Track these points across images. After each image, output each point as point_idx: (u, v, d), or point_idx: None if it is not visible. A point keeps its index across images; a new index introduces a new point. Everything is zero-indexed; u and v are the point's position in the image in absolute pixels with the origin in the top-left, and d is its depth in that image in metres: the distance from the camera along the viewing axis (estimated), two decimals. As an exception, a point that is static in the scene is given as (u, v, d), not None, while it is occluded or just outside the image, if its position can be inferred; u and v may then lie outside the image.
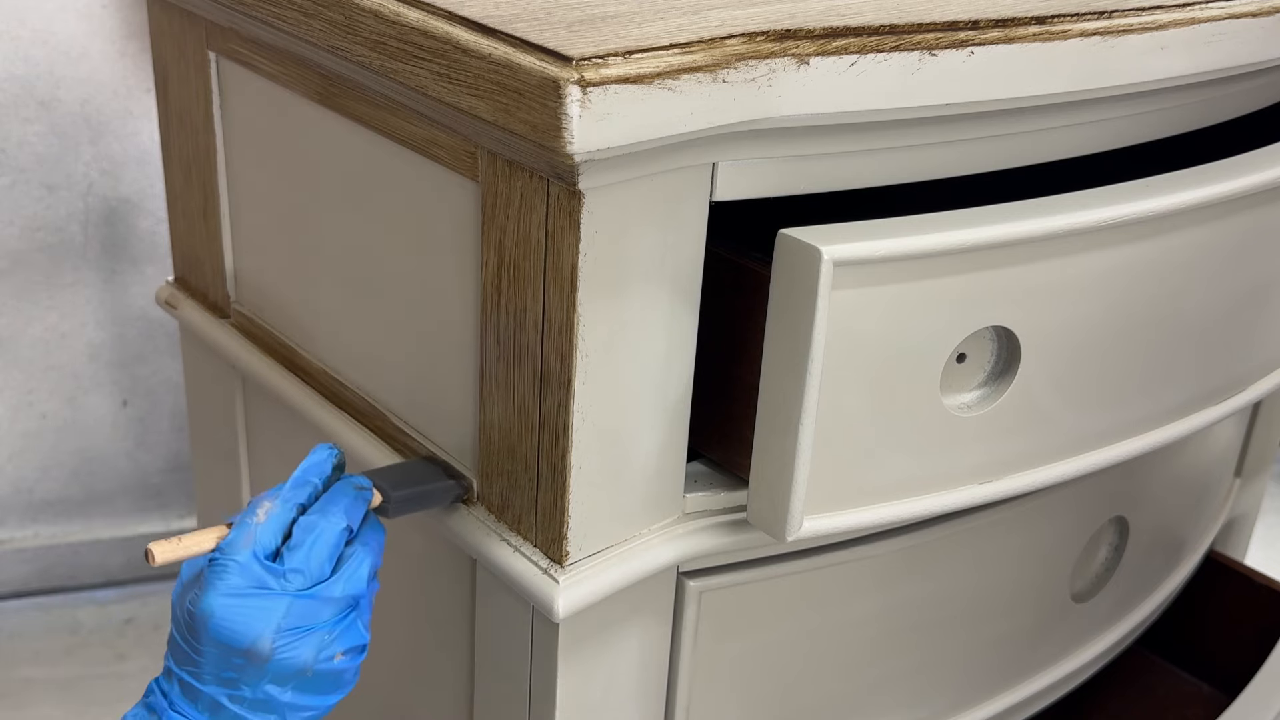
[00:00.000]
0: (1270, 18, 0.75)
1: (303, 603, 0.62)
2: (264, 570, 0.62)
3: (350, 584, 0.64)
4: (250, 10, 0.75)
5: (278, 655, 0.62)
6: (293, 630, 0.62)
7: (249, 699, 0.62)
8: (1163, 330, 0.77)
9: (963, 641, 0.90)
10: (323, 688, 0.64)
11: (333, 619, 0.63)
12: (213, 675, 0.62)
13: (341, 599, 0.64)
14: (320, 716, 0.65)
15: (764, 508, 0.68)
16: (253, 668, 0.62)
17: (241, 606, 0.61)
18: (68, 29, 1.53)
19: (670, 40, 0.58)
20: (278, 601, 0.62)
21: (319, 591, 0.63)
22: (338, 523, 0.65)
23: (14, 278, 1.63)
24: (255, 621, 0.61)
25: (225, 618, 0.61)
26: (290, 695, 0.63)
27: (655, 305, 0.66)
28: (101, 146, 1.60)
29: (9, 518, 1.76)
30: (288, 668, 0.62)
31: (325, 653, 0.63)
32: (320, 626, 0.63)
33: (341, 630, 0.64)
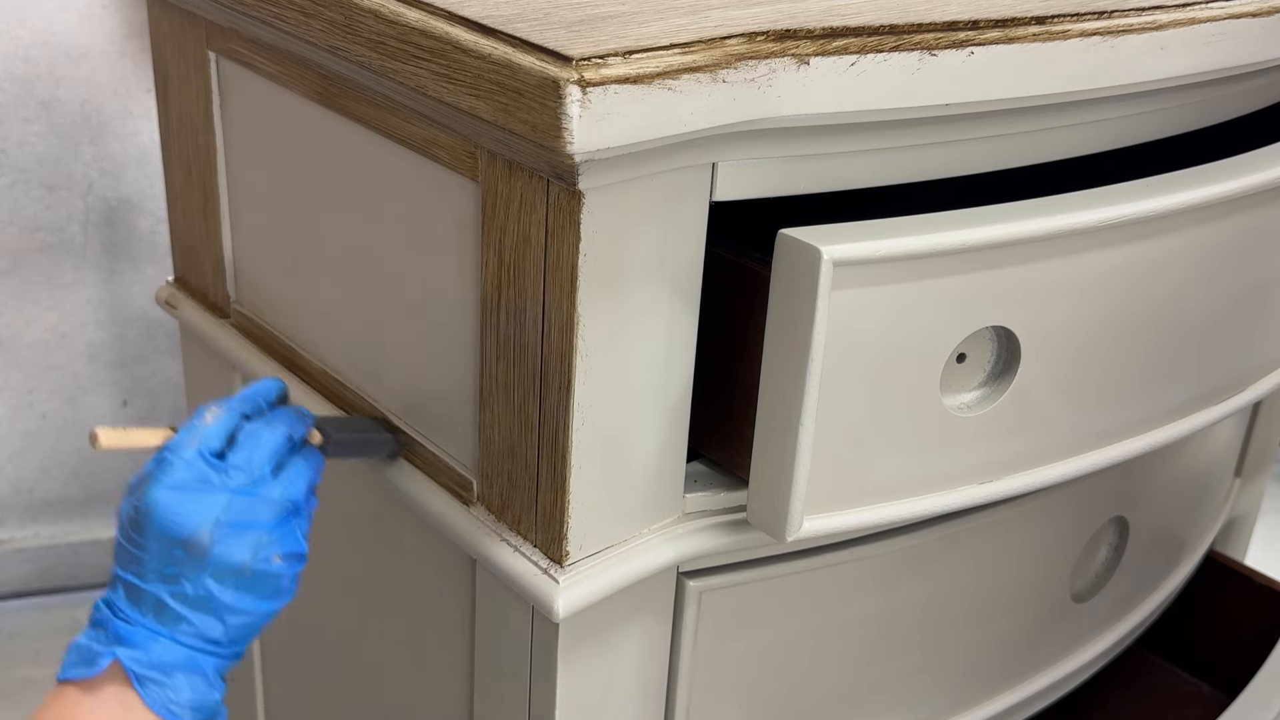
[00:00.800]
0: (1270, 18, 0.75)
1: (242, 499, 0.65)
2: (207, 466, 0.65)
3: (289, 488, 0.67)
4: (250, 10, 0.75)
5: (216, 548, 0.64)
6: (231, 525, 0.64)
7: (190, 596, 0.65)
8: (1163, 330, 0.77)
9: (963, 641, 0.90)
10: (261, 590, 0.66)
11: (271, 521, 0.66)
12: (155, 572, 0.65)
13: (280, 502, 0.66)
14: (257, 625, 0.67)
15: (764, 508, 0.68)
16: (193, 560, 0.64)
17: (184, 498, 0.64)
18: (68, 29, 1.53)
19: (670, 40, 0.58)
20: (218, 495, 0.65)
21: (258, 491, 0.66)
22: (280, 431, 0.68)
23: (14, 278, 1.63)
24: (196, 512, 0.64)
25: (168, 508, 0.64)
26: (229, 595, 0.65)
27: (655, 305, 0.66)
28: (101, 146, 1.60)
29: (9, 518, 1.76)
30: (226, 563, 0.64)
31: (263, 553, 0.65)
32: (258, 525, 0.65)
33: (280, 534, 0.66)
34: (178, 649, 0.65)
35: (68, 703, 0.65)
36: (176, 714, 0.65)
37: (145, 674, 0.64)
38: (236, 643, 0.67)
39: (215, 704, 0.67)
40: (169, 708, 0.65)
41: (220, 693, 0.67)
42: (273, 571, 0.66)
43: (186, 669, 0.65)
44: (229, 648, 0.67)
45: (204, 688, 0.66)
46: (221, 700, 0.68)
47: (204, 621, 0.65)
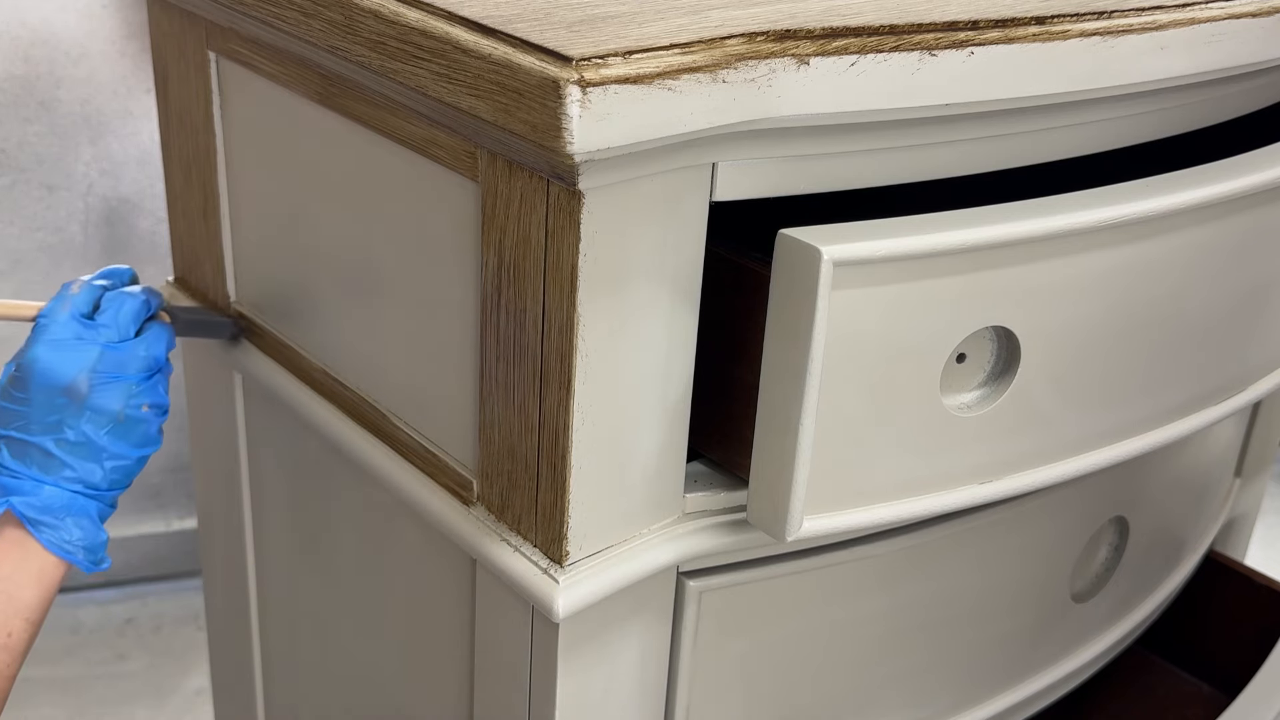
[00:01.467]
0: (1270, 18, 0.75)
1: (112, 353, 0.75)
2: (80, 325, 0.75)
3: (151, 347, 0.77)
4: (250, 10, 0.75)
5: (93, 394, 0.74)
6: (105, 374, 0.74)
7: (72, 441, 0.74)
8: (1163, 330, 0.77)
9: (963, 641, 0.90)
10: (132, 437, 0.75)
11: (138, 374, 0.76)
12: (39, 423, 0.74)
13: (145, 358, 0.76)
14: (131, 471, 0.76)
15: (764, 508, 0.68)
16: (73, 406, 0.73)
17: (62, 352, 0.74)
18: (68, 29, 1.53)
19: (670, 40, 0.58)
20: (92, 348, 0.74)
21: (125, 346, 0.76)
22: (139, 296, 0.78)
23: (14, 278, 1.63)
24: (73, 363, 0.74)
25: (49, 361, 0.73)
26: (106, 439, 0.74)
27: (655, 305, 0.66)
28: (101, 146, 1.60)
29: (9, 518, 1.76)
30: (102, 409, 0.74)
31: (133, 401, 0.75)
32: (128, 377, 0.75)
33: (147, 386, 0.76)
34: (63, 493, 0.74)
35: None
36: (70, 552, 0.74)
37: (37, 517, 0.73)
38: (114, 488, 0.76)
39: (101, 545, 0.76)
40: (63, 547, 0.74)
41: (105, 537, 0.76)
42: (142, 418, 0.76)
43: (73, 512, 0.74)
44: (108, 493, 0.75)
45: (92, 528, 0.75)
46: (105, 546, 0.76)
47: (85, 467, 0.74)
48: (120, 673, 1.71)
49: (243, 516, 0.99)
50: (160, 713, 1.66)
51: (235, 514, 1.00)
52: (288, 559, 0.96)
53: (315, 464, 0.89)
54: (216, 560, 1.05)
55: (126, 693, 1.68)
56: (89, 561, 0.75)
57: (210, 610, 1.10)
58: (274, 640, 1.02)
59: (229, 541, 1.02)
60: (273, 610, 1.01)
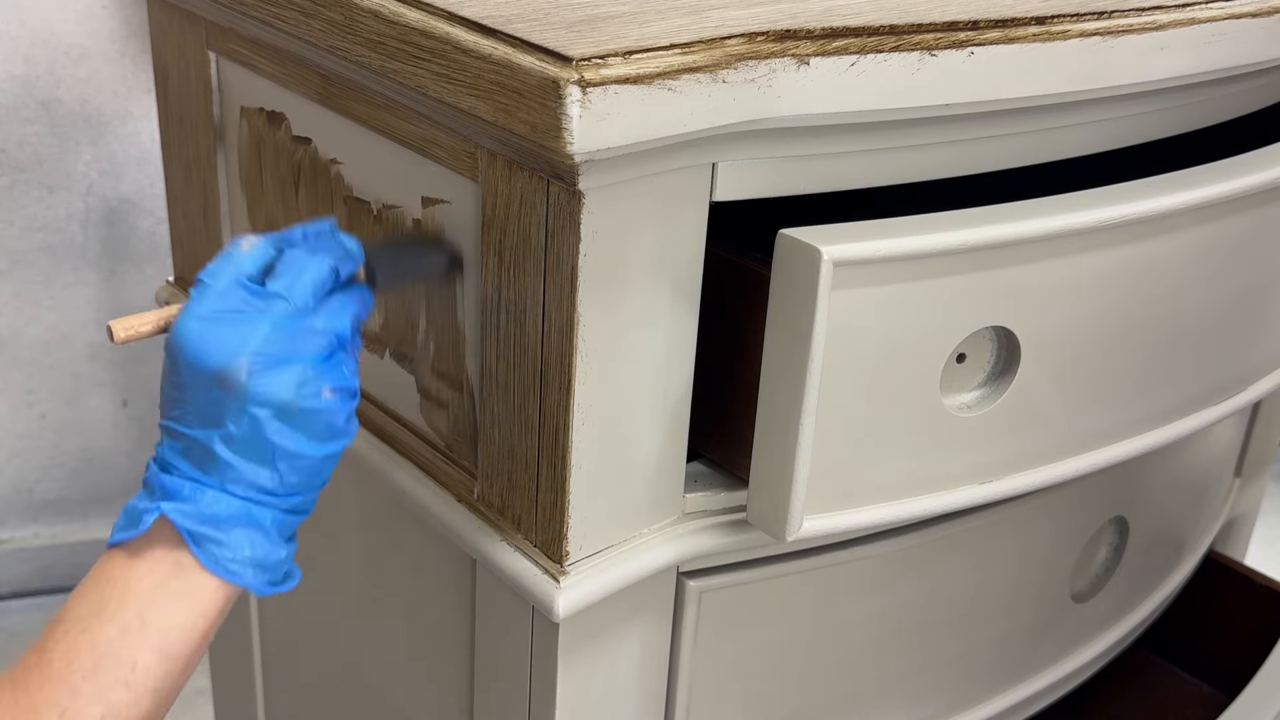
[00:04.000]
0: (1270, 18, 0.75)
1: (283, 330, 0.59)
2: (246, 292, 0.59)
3: (333, 320, 0.61)
4: (250, 10, 0.75)
5: (254, 380, 0.58)
6: (271, 357, 0.58)
7: (237, 438, 0.59)
8: (1162, 330, 0.77)
9: (963, 641, 0.90)
10: (312, 429, 0.60)
11: (315, 354, 0.60)
12: (197, 415, 0.59)
13: (324, 332, 0.60)
14: (316, 471, 0.61)
15: (764, 508, 0.68)
16: (232, 396, 0.58)
17: (216, 328, 0.58)
18: (68, 29, 1.53)
19: (670, 40, 0.58)
20: (256, 325, 0.59)
21: (300, 320, 0.60)
22: (325, 261, 0.62)
23: (14, 278, 1.63)
24: (229, 341, 0.58)
25: (200, 338, 0.58)
26: (280, 435, 0.59)
27: (655, 305, 0.66)
28: (101, 146, 1.60)
29: (9, 518, 1.76)
30: (268, 398, 0.58)
31: (309, 388, 0.59)
32: (301, 358, 0.59)
33: (327, 368, 0.60)
34: (230, 500, 0.59)
35: (113, 567, 0.59)
36: (236, 572, 0.59)
37: (197, 530, 0.59)
38: (294, 493, 0.61)
39: (281, 562, 0.61)
40: (227, 566, 0.59)
41: (288, 551, 0.62)
42: (323, 407, 0.60)
43: (243, 523, 0.59)
44: (286, 498, 0.60)
45: (265, 543, 0.60)
46: (291, 560, 0.62)
47: (253, 469, 0.59)
48: (120, 673, 1.72)
49: (243, 516, 0.99)
50: (160, 713, 1.66)
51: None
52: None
53: (315, 464, 0.89)
54: (216, 560, 1.05)
55: (126, 693, 1.69)
56: (262, 582, 0.61)
57: (210, 610, 1.09)
58: (274, 640, 1.02)
59: (229, 541, 1.02)
60: (273, 610, 1.01)
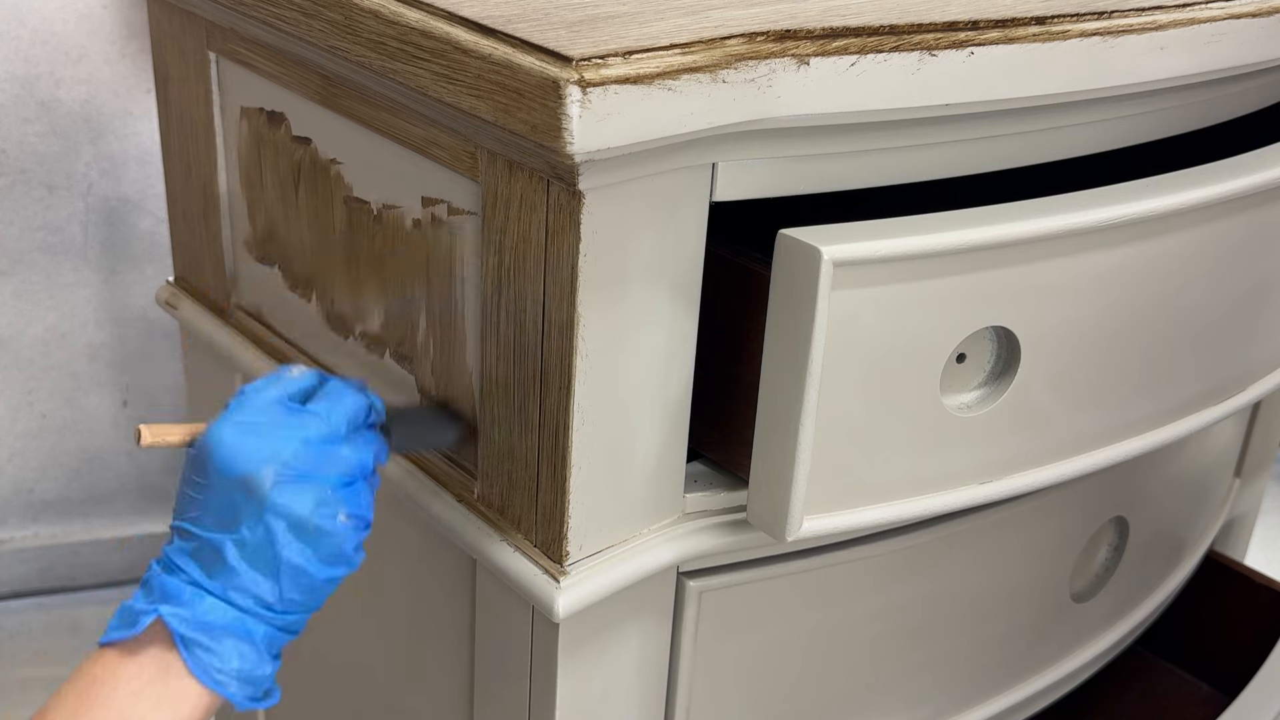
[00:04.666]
0: (1270, 18, 0.75)
1: (313, 448, 0.62)
2: (284, 409, 0.63)
3: (360, 451, 0.64)
4: (250, 10, 0.75)
5: (277, 491, 0.60)
6: (297, 472, 0.61)
7: (248, 543, 0.61)
8: (1162, 330, 0.77)
9: (963, 641, 0.90)
10: (322, 550, 0.62)
11: (338, 478, 0.62)
12: (214, 516, 0.61)
13: (350, 459, 0.63)
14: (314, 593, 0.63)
15: (764, 508, 0.68)
16: (252, 503, 0.60)
17: (251, 436, 0.61)
18: (68, 29, 1.53)
19: (670, 40, 0.58)
20: (288, 440, 0.61)
21: (331, 443, 0.63)
22: (364, 397, 0.66)
23: (14, 278, 1.63)
24: (261, 449, 0.61)
25: (233, 443, 0.61)
26: (289, 548, 0.61)
27: (655, 305, 0.66)
28: (101, 146, 1.60)
29: (9, 518, 1.76)
30: (286, 510, 0.61)
31: (327, 508, 0.62)
32: (325, 479, 0.62)
33: (346, 494, 0.63)
34: (226, 609, 0.61)
35: (104, 665, 0.61)
36: (222, 683, 0.61)
37: (190, 635, 0.60)
38: (290, 611, 0.62)
39: (265, 678, 0.63)
40: (213, 675, 0.61)
41: (273, 669, 0.63)
42: (337, 530, 0.62)
43: (235, 634, 0.61)
44: (281, 615, 0.62)
45: (253, 657, 0.62)
46: (274, 678, 0.63)
47: (256, 579, 0.61)
48: (120, 673, 1.71)
49: (243, 516, 0.99)
50: (160, 713, 1.66)
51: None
52: (288, 559, 0.96)
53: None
54: (216, 560, 1.05)
55: (126, 693, 1.68)
56: (244, 697, 0.62)
57: (210, 610, 1.09)
58: (274, 640, 1.02)
59: (229, 541, 1.02)
60: (273, 610, 1.01)
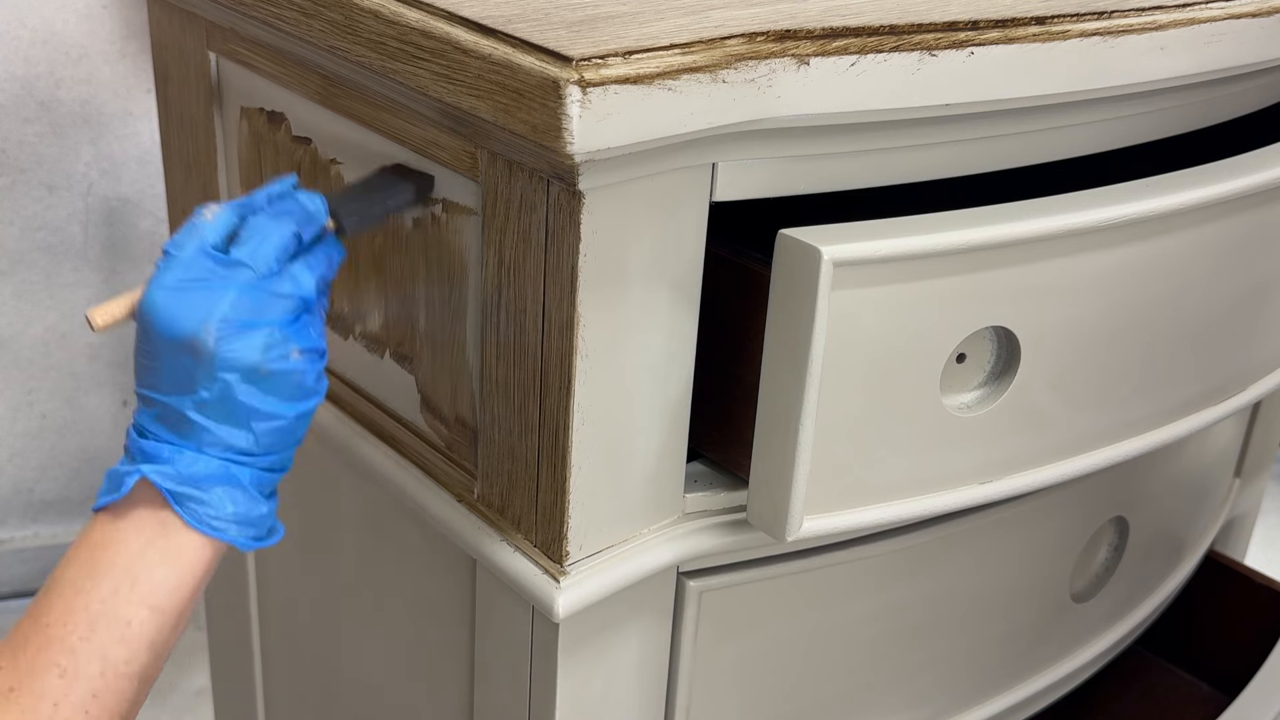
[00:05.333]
0: (1270, 18, 0.75)
1: (248, 295, 0.61)
2: (211, 260, 0.61)
3: (297, 284, 0.63)
4: (250, 10, 0.75)
5: (222, 346, 0.60)
6: (238, 323, 0.60)
7: (209, 402, 0.61)
8: (1163, 330, 0.77)
9: (963, 641, 0.90)
10: (283, 390, 0.62)
11: (281, 317, 0.62)
12: (170, 382, 0.61)
13: (289, 297, 0.62)
14: (290, 430, 0.63)
15: (764, 508, 0.68)
16: (202, 363, 0.60)
17: (182, 296, 0.60)
18: (68, 29, 1.53)
19: (670, 40, 0.58)
20: (221, 292, 0.60)
21: (265, 285, 0.61)
22: (287, 226, 0.63)
23: (14, 278, 1.63)
24: (196, 309, 0.60)
25: (166, 308, 0.60)
26: (251, 397, 0.61)
27: (655, 305, 0.66)
28: (101, 146, 1.60)
29: (9, 518, 1.76)
30: (237, 362, 0.60)
31: (276, 350, 0.61)
32: (268, 322, 0.61)
33: (294, 330, 0.62)
34: (208, 460, 0.61)
35: (100, 531, 0.62)
36: (220, 529, 0.62)
37: (178, 490, 0.61)
38: (270, 452, 0.63)
39: (263, 517, 0.63)
40: (210, 523, 0.61)
41: (269, 507, 0.64)
42: (293, 368, 0.62)
43: (222, 481, 0.61)
44: (263, 457, 0.62)
45: (246, 500, 0.62)
46: (273, 515, 0.64)
47: (228, 431, 0.61)
48: (120, 673, 1.71)
49: (243, 516, 0.99)
50: (160, 713, 1.65)
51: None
52: (288, 559, 0.96)
53: (315, 464, 0.89)
54: (216, 560, 1.05)
55: (126, 693, 1.68)
56: (246, 538, 0.63)
57: (210, 610, 1.10)
58: (274, 640, 1.02)
59: (229, 541, 1.02)
60: (273, 610, 1.01)
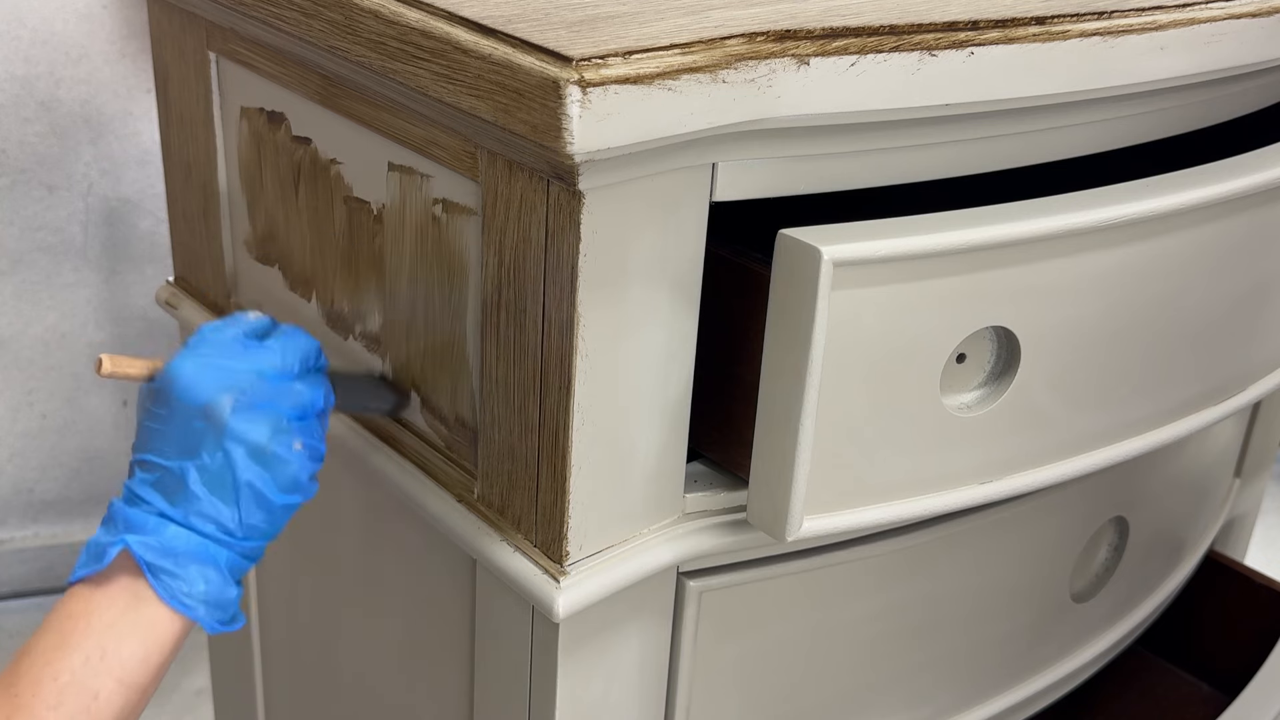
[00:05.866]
0: (1270, 18, 0.75)
1: (269, 382, 0.65)
2: (241, 345, 0.66)
3: (311, 389, 0.67)
4: (250, 10, 0.75)
5: (235, 418, 0.64)
6: (254, 402, 0.64)
7: (209, 469, 0.63)
8: (1163, 330, 0.77)
9: (963, 641, 0.90)
10: (280, 477, 0.65)
11: (292, 410, 0.66)
12: (177, 445, 0.64)
13: (304, 394, 0.67)
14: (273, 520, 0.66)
15: (764, 508, 0.68)
16: (212, 430, 0.63)
17: (210, 366, 0.65)
18: (68, 29, 1.53)
19: (670, 40, 0.58)
20: (245, 372, 0.65)
21: (285, 378, 0.66)
22: (315, 343, 0.69)
23: (14, 278, 1.63)
24: (220, 379, 0.64)
25: (193, 374, 0.64)
26: (248, 472, 0.64)
27: (655, 305, 0.66)
28: (101, 146, 1.60)
29: (9, 518, 1.76)
30: (245, 437, 0.64)
31: (282, 437, 0.65)
32: (280, 410, 0.65)
33: (300, 425, 0.66)
34: (189, 536, 0.64)
35: (77, 600, 0.63)
36: (190, 606, 0.64)
37: (156, 562, 0.63)
38: (250, 536, 0.65)
39: (230, 602, 0.65)
40: (182, 600, 0.63)
41: (237, 594, 0.66)
42: (293, 458, 0.65)
43: (199, 559, 0.64)
44: (242, 541, 0.65)
45: (218, 581, 0.64)
46: (238, 603, 0.66)
47: (217, 505, 0.64)
48: (120, 673, 1.71)
49: (243, 516, 0.99)
50: (160, 713, 1.66)
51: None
52: (288, 559, 0.96)
53: (315, 464, 0.89)
54: (216, 560, 1.05)
55: (126, 693, 1.68)
56: (214, 620, 0.65)
57: (210, 610, 1.10)
58: (274, 640, 1.02)
59: (229, 541, 1.02)
60: (273, 610, 1.01)
